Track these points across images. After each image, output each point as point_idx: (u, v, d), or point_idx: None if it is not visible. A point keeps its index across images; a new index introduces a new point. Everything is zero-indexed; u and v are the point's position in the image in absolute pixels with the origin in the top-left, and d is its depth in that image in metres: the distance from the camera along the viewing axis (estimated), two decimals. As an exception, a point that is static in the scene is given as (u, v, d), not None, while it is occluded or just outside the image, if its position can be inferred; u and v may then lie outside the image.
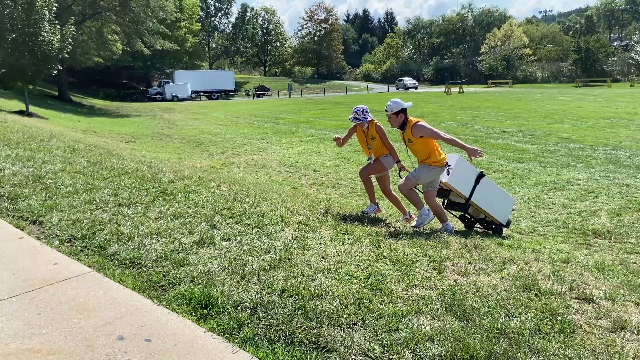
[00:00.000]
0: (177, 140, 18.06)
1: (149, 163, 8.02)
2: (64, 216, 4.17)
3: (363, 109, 5.70)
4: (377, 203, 6.06)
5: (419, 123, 5.25)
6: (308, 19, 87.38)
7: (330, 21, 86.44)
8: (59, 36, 18.22)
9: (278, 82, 72.01)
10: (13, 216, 4.22)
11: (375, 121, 5.72)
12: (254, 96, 58.20)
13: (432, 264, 3.65)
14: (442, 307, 2.87)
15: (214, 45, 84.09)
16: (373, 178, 6.07)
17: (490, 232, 5.80)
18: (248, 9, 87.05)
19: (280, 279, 3.18)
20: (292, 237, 4.13)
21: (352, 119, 5.75)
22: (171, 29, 49.38)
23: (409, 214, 5.91)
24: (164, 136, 19.18)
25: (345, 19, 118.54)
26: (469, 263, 3.75)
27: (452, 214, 6.16)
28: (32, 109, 19.48)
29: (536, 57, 71.45)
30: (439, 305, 2.89)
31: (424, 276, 3.36)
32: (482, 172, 5.71)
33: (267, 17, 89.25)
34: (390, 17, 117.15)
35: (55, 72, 19.22)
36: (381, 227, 5.10)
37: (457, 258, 3.86)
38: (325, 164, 12.09)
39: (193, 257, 3.48)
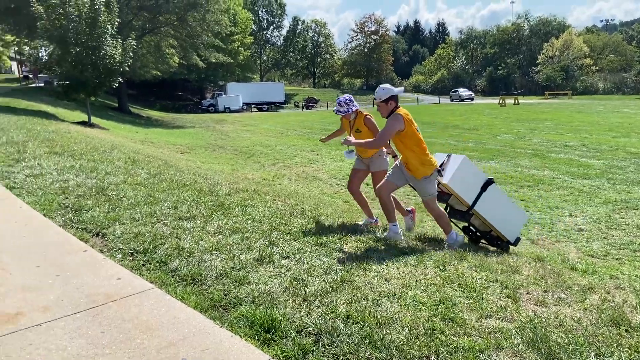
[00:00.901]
0: (229, 151, 18.33)
1: (205, 175, 8.09)
2: (127, 229, 4.19)
3: (347, 99, 5.43)
4: (412, 210, 5.82)
5: (395, 113, 4.75)
6: (358, 30, 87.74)
7: (380, 33, 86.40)
8: (120, 50, 18.93)
9: (327, 93, 72.40)
10: (77, 228, 4.28)
11: (364, 112, 5.43)
12: (303, 108, 58.72)
13: (505, 291, 3.39)
14: (522, 342, 2.63)
15: (265, 58, 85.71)
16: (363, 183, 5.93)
17: (496, 248, 5.14)
18: (299, 22, 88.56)
19: (343, 303, 3.03)
20: (352, 257, 3.98)
21: (336, 111, 5.47)
22: (225, 42, 50.65)
23: (376, 220, 5.69)
24: (217, 147, 19.52)
25: (396, 30, 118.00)
26: (546, 291, 3.46)
27: (456, 225, 5.50)
28: (94, 119, 20.30)
29: (597, 68, 68.41)
30: (519, 339, 2.65)
31: (498, 305, 3.11)
32: (491, 178, 5.01)
33: (317, 29, 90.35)
34: (441, 28, 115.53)
35: (116, 84, 19.97)
36: (443, 246, 4.86)
37: (531, 285, 3.58)
38: (377, 177, 11.86)
39: (253, 276, 3.39)
